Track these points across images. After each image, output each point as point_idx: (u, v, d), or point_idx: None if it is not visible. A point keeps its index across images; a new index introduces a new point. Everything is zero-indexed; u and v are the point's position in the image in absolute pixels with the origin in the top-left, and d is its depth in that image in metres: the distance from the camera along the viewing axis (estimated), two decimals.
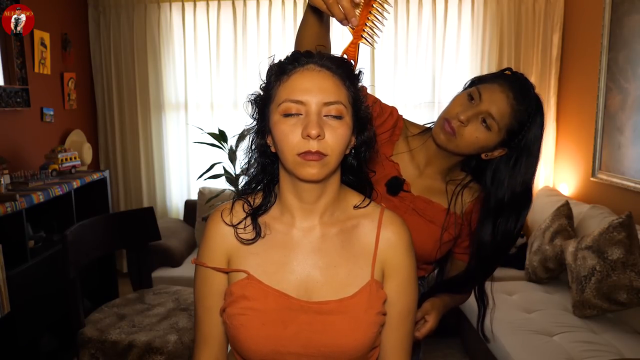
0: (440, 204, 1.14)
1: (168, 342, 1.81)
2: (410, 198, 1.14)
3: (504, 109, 1.01)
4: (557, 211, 2.63)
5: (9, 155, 2.50)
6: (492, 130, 1.02)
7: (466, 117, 1.02)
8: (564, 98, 3.34)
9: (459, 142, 1.05)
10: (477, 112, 1.02)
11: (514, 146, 1.05)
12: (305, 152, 0.77)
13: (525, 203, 1.08)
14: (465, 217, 1.14)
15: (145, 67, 3.51)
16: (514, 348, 1.96)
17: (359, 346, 0.82)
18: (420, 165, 1.16)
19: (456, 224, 1.12)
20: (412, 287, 0.89)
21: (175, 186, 3.71)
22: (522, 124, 1.03)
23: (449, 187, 1.14)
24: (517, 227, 1.08)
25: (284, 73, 0.81)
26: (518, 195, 1.07)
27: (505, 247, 1.10)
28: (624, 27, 2.56)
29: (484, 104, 1.02)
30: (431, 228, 1.12)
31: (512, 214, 1.07)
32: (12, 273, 1.98)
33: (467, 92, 1.06)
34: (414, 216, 1.13)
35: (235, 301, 0.84)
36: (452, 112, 1.05)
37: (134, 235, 2.27)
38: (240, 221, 0.88)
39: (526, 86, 1.04)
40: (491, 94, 1.02)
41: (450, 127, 1.04)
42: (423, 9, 3.36)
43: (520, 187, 1.06)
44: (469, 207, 1.13)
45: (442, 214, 1.13)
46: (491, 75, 1.08)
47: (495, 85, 1.03)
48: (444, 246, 1.14)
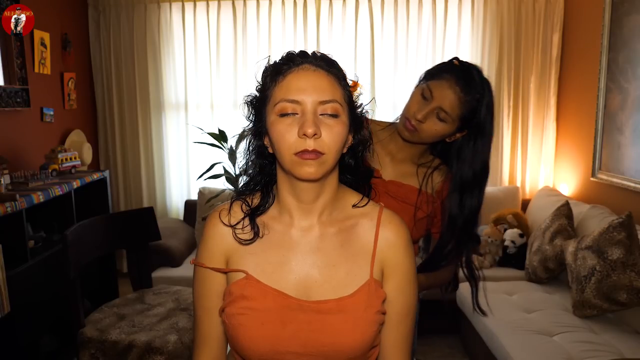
0: (412, 186, 1.25)
1: (168, 342, 1.81)
2: (382, 183, 1.25)
3: (453, 102, 1.14)
4: (557, 211, 2.63)
5: (9, 155, 2.50)
6: (447, 121, 1.16)
7: (422, 116, 1.15)
8: (564, 98, 3.34)
9: (422, 135, 1.18)
10: (430, 109, 1.15)
11: (470, 128, 1.18)
12: (302, 151, 0.77)
13: (484, 178, 1.22)
14: (437, 195, 1.25)
15: (145, 67, 3.51)
16: (514, 348, 1.96)
17: (358, 345, 0.82)
18: (393, 153, 1.29)
19: (428, 202, 1.24)
20: (411, 286, 0.89)
21: (175, 186, 3.71)
22: (472, 110, 1.15)
23: (419, 170, 1.26)
24: (480, 201, 1.22)
25: (279, 73, 0.82)
26: (478, 173, 1.20)
27: (472, 218, 1.22)
28: (624, 27, 2.56)
29: (435, 100, 1.15)
30: (404, 207, 1.23)
31: (475, 189, 1.20)
32: (12, 273, 1.99)
33: (420, 90, 1.18)
34: (387, 198, 1.23)
35: (234, 301, 0.84)
36: (410, 111, 1.18)
37: (134, 235, 2.27)
38: (238, 221, 0.88)
39: (472, 76, 1.15)
40: (440, 90, 1.14)
41: (411, 125, 1.18)
42: (423, 9, 3.36)
43: (480, 164, 1.20)
44: (440, 186, 1.25)
45: (414, 194, 1.24)
46: (439, 69, 1.19)
47: (443, 82, 1.15)
48: (419, 224, 1.24)
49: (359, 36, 3.41)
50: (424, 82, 1.19)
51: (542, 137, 3.44)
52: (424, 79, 1.21)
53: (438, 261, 1.26)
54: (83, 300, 2.33)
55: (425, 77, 1.21)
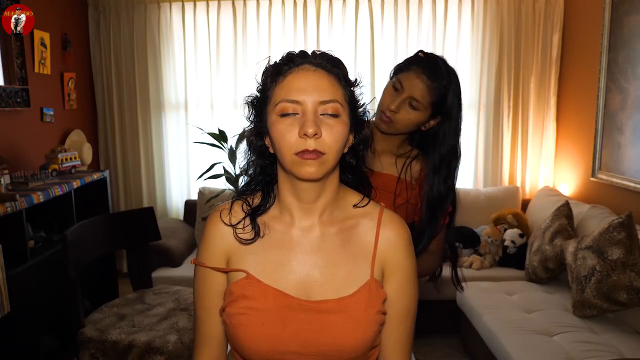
0: (391, 174, 1.31)
1: (168, 342, 1.81)
2: None
3: (423, 90, 1.21)
4: (557, 211, 2.63)
5: (9, 155, 2.50)
6: (419, 109, 1.23)
7: (395, 106, 1.22)
8: (564, 98, 3.34)
9: (397, 125, 1.25)
10: (402, 99, 1.22)
11: (442, 114, 1.25)
12: (303, 151, 0.77)
13: (452, 158, 1.28)
14: (417, 183, 1.31)
15: (145, 67, 3.51)
16: (514, 348, 1.96)
17: (358, 345, 0.82)
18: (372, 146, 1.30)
19: (407, 188, 1.29)
20: (412, 286, 0.89)
21: (175, 186, 3.71)
22: (441, 96, 1.22)
23: (398, 160, 1.32)
24: (447, 182, 1.28)
25: (280, 74, 0.82)
26: (445, 155, 1.27)
27: (442, 200, 1.28)
28: (624, 27, 2.56)
29: (406, 90, 1.22)
30: (383, 194, 1.27)
31: (443, 171, 1.27)
32: (12, 273, 1.99)
33: (391, 84, 1.26)
34: None
35: (235, 301, 0.84)
36: (384, 104, 1.25)
37: (134, 235, 2.27)
38: (239, 221, 0.88)
39: (437, 64, 1.23)
40: (409, 81, 1.22)
41: (387, 117, 1.25)
42: (423, 9, 3.36)
43: (447, 147, 1.26)
44: (418, 174, 1.31)
45: (394, 182, 1.30)
46: (406, 63, 1.27)
47: (411, 73, 1.22)
48: (399, 210, 1.27)
49: (359, 36, 3.41)
50: (394, 76, 1.27)
51: (542, 137, 3.44)
52: (394, 74, 1.29)
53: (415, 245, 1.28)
54: (83, 300, 2.33)
55: (394, 72, 1.29)
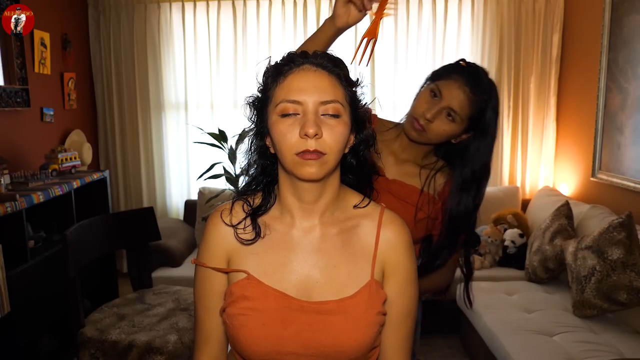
0: (414, 186, 1.25)
1: (168, 342, 1.81)
2: (385, 181, 1.24)
3: (463, 102, 1.14)
4: (557, 211, 2.63)
5: (9, 155, 2.50)
6: (456, 121, 1.15)
7: (432, 115, 1.15)
8: (564, 98, 3.34)
9: (430, 135, 1.17)
10: (440, 108, 1.14)
11: (476, 129, 1.18)
12: (304, 152, 0.77)
13: (483, 178, 1.22)
14: (439, 197, 1.24)
15: (145, 67, 3.51)
16: (514, 348, 1.96)
17: (358, 346, 0.82)
18: (397, 153, 1.29)
19: (429, 203, 1.23)
20: (412, 287, 0.89)
21: (175, 186, 3.71)
22: (480, 110, 1.16)
23: (422, 171, 1.26)
24: (476, 202, 1.22)
25: (280, 74, 0.82)
26: (477, 173, 1.20)
27: (467, 218, 1.22)
28: (624, 27, 2.56)
29: (444, 100, 1.14)
30: (405, 206, 1.22)
31: (472, 188, 1.20)
32: (12, 273, 1.99)
33: (429, 89, 1.17)
34: (388, 196, 1.22)
35: (235, 301, 0.84)
36: (419, 110, 1.17)
37: (134, 235, 2.27)
38: (240, 221, 0.88)
39: (479, 76, 1.16)
40: (450, 90, 1.14)
41: (420, 125, 1.17)
42: (423, 9, 3.36)
43: (480, 165, 1.20)
44: (442, 188, 1.25)
45: (416, 194, 1.24)
46: (447, 70, 1.19)
47: (452, 82, 1.15)
48: (419, 224, 1.23)
49: (359, 36, 3.40)
50: (431, 82, 1.19)
51: (542, 137, 3.44)
52: (431, 79, 1.20)
53: (433, 260, 1.26)
54: (83, 300, 2.33)
55: (432, 78, 1.21)
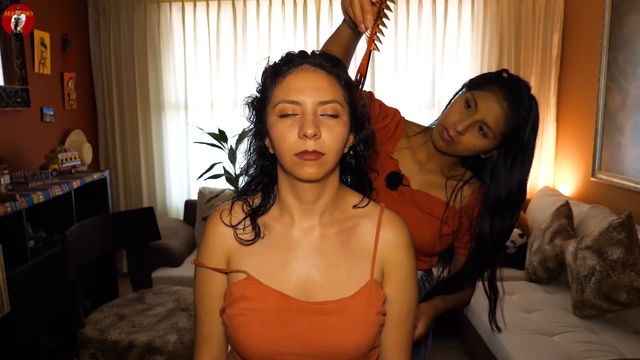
0: (439, 198, 1.18)
1: (168, 342, 1.81)
2: (410, 192, 1.18)
3: (499, 118, 1.05)
4: (557, 211, 2.63)
5: (9, 155, 2.50)
6: (488, 137, 1.07)
7: (463, 127, 1.07)
8: (564, 98, 3.34)
9: (458, 148, 1.10)
10: (473, 121, 1.06)
11: (510, 146, 1.10)
12: (303, 152, 0.77)
13: (521, 200, 1.13)
14: (465, 211, 1.17)
15: (145, 67, 3.51)
16: (514, 348, 1.96)
17: (358, 346, 0.82)
18: (422, 162, 1.21)
19: (455, 217, 1.16)
20: (412, 287, 0.89)
21: (175, 186, 3.71)
22: (517, 128, 1.07)
23: (449, 182, 1.18)
24: (512, 223, 1.14)
25: (279, 74, 0.82)
26: (514, 194, 1.11)
27: (502, 241, 1.15)
28: (624, 27, 2.56)
29: (479, 112, 1.06)
30: (429, 220, 1.16)
31: (508, 210, 1.12)
32: (12, 273, 1.99)
33: (464, 98, 1.09)
34: (413, 208, 1.17)
35: (235, 302, 0.84)
36: (450, 120, 1.09)
37: (134, 235, 2.27)
38: (239, 222, 0.88)
39: (521, 92, 1.06)
40: (486, 103, 1.06)
41: (449, 136, 1.09)
42: (423, 9, 3.36)
43: (517, 186, 1.11)
44: (469, 201, 1.17)
45: (441, 207, 1.17)
46: (487, 79, 1.10)
47: (490, 94, 1.06)
48: (443, 239, 1.18)
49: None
50: (468, 91, 1.10)
51: (542, 137, 3.44)
52: (468, 88, 1.12)
53: (461, 281, 1.20)
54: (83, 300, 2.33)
55: (469, 86, 1.12)
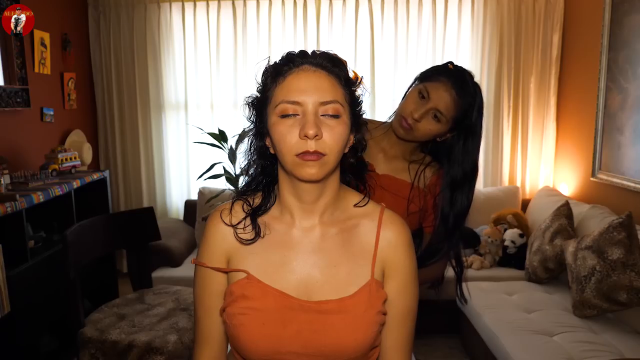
0: (404, 180, 1.31)
1: (168, 342, 1.81)
2: (376, 176, 1.29)
3: (449, 104, 1.19)
4: (557, 211, 2.63)
5: (9, 155, 2.50)
6: (442, 122, 1.21)
7: (419, 115, 1.20)
8: (564, 98, 3.34)
9: (416, 134, 1.24)
10: (427, 109, 1.20)
11: (461, 129, 1.24)
12: (304, 153, 0.77)
13: (474, 176, 1.27)
14: (429, 190, 1.30)
15: (145, 67, 3.51)
16: (514, 348, 1.96)
17: (358, 346, 0.82)
18: (385, 149, 1.34)
19: (420, 196, 1.29)
20: (412, 287, 0.89)
21: (175, 186, 3.71)
22: (465, 112, 1.21)
23: (411, 166, 1.32)
24: (469, 197, 1.27)
25: (280, 74, 0.82)
26: (468, 171, 1.25)
27: (462, 215, 1.28)
28: (624, 27, 2.56)
29: (432, 101, 1.20)
30: (397, 199, 1.28)
31: (464, 186, 1.26)
32: (12, 273, 1.99)
33: (417, 90, 1.23)
34: (380, 191, 1.26)
35: (235, 301, 0.84)
36: (407, 110, 1.23)
37: (134, 235, 2.27)
38: (239, 221, 0.88)
39: (466, 80, 1.21)
40: (437, 92, 1.20)
41: (407, 124, 1.23)
42: (423, 9, 3.36)
43: (469, 164, 1.25)
44: (431, 181, 1.30)
45: (407, 187, 1.29)
46: (435, 72, 1.24)
47: (440, 84, 1.20)
48: (411, 217, 1.29)
49: (359, 36, 3.41)
50: (420, 82, 1.24)
51: (542, 137, 3.44)
52: (420, 80, 1.26)
53: (429, 257, 1.31)
54: (83, 300, 2.33)
55: (420, 78, 1.26)
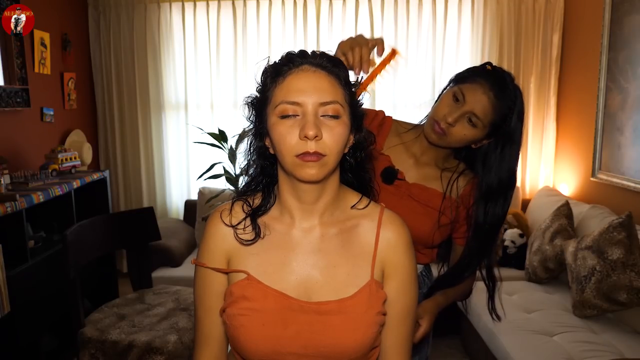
0: (435, 189, 1.22)
1: (168, 342, 1.81)
2: (406, 185, 1.23)
3: (486, 108, 1.11)
4: (557, 211, 2.63)
5: (9, 155, 2.50)
6: (478, 127, 1.12)
7: (453, 119, 1.12)
8: (564, 98, 3.34)
9: (449, 139, 1.15)
10: (462, 112, 1.12)
11: (499, 135, 1.15)
12: (304, 153, 0.77)
13: (511, 186, 1.18)
14: (462, 200, 1.21)
15: (145, 67, 3.51)
16: (514, 348, 1.96)
17: (358, 346, 0.82)
18: (417, 155, 1.26)
19: (452, 207, 1.20)
20: (412, 287, 0.89)
21: (175, 186, 3.71)
22: (504, 117, 1.12)
23: (444, 174, 1.23)
24: (504, 209, 1.18)
25: (279, 74, 0.82)
26: (505, 180, 1.16)
27: (496, 227, 1.19)
28: (624, 27, 2.56)
29: (467, 104, 1.11)
30: (427, 211, 1.20)
31: (500, 197, 1.17)
32: (12, 273, 1.99)
33: (452, 92, 1.14)
34: (410, 201, 1.21)
35: (235, 301, 0.84)
36: (440, 113, 1.15)
37: (134, 235, 2.27)
38: (239, 222, 0.88)
39: (505, 81, 1.12)
40: (474, 95, 1.11)
41: (440, 128, 1.14)
42: (423, 9, 3.36)
43: (507, 173, 1.16)
44: (464, 191, 1.22)
45: (438, 198, 1.21)
46: (472, 73, 1.16)
47: (477, 85, 1.12)
48: (442, 229, 1.21)
49: None
50: (455, 85, 1.16)
51: (542, 137, 3.44)
52: (455, 82, 1.17)
53: (462, 271, 1.23)
54: (83, 300, 2.33)
55: (456, 80, 1.18)
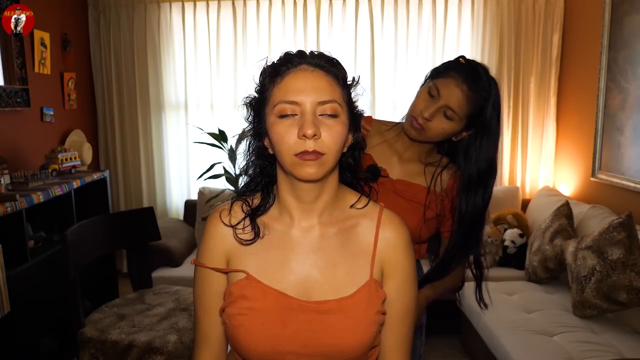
0: (420, 184, 1.24)
1: (168, 342, 1.81)
2: (390, 182, 1.24)
3: (460, 100, 1.12)
4: (557, 211, 2.63)
5: (9, 155, 2.50)
6: (454, 120, 1.14)
7: (429, 114, 1.14)
8: (564, 98, 3.34)
9: (428, 134, 1.17)
10: (437, 107, 1.14)
11: (477, 126, 1.17)
12: (302, 152, 0.77)
13: (491, 175, 1.20)
14: (447, 194, 1.23)
15: (145, 67, 3.51)
16: (514, 348, 1.96)
17: (358, 346, 0.82)
18: (400, 152, 1.28)
19: (437, 201, 1.22)
20: (411, 286, 0.89)
21: (175, 186, 3.71)
22: (479, 108, 1.14)
23: (427, 169, 1.25)
24: (485, 199, 1.20)
25: (278, 74, 0.82)
26: (484, 170, 1.18)
27: (479, 217, 1.21)
28: (624, 27, 2.56)
29: (442, 98, 1.13)
30: (413, 206, 1.22)
31: (480, 186, 1.19)
32: (12, 273, 1.99)
33: (427, 88, 1.17)
34: (395, 197, 1.22)
35: (235, 301, 0.84)
36: (417, 109, 1.17)
37: (134, 235, 2.27)
38: (239, 222, 0.88)
39: (478, 73, 1.14)
40: (447, 89, 1.13)
41: (418, 124, 1.16)
42: (423, 9, 3.36)
43: (485, 162, 1.18)
44: (448, 185, 1.24)
45: (423, 192, 1.23)
46: (446, 67, 1.17)
47: (450, 79, 1.13)
48: (428, 223, 1.23)
49: (359, 36, 3.41)
50: (430, 80, 1.18)
51: (542, 137, 3.44)
52: (430, 77, 1.19)
53: (448, 263, 1.25)
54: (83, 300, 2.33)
55: (431, 76, 1.20)
